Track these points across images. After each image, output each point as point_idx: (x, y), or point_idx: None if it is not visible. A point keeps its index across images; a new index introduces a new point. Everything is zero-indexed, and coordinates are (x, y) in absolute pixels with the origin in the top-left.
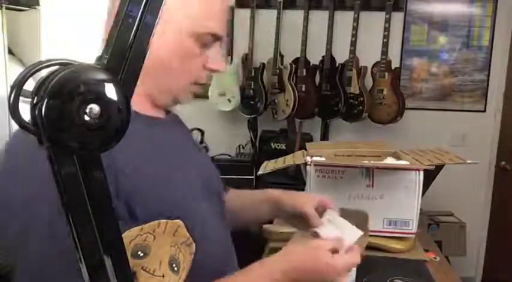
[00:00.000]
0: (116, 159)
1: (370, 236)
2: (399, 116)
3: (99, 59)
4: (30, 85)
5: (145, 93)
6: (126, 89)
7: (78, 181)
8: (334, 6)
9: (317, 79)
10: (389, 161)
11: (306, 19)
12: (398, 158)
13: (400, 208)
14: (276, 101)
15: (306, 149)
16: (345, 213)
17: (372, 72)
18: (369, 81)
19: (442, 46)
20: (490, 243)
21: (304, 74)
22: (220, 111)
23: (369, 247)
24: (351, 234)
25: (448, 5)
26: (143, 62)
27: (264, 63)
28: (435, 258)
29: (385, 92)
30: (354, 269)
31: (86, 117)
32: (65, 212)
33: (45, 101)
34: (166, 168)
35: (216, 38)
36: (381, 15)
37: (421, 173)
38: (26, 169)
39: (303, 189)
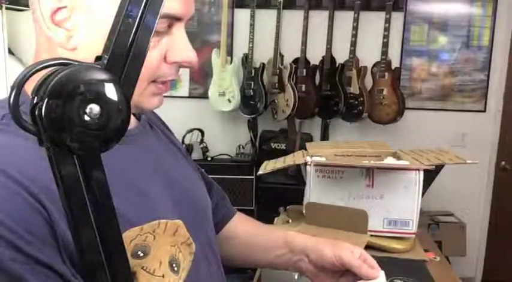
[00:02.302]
0: (48, 203)
1: (370, 236)
2: (399, 116)
3: (99, 59)
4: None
5: None
6: (126, 89)
7: (78, 181)
8: (334, 6)
9: (317, 79)
10: (389, 161)
11: (306, 19)
12: (398, 158)
13: (400, 208)
14: (276, 101)
15: (306, 149)
16: (345, 213)
17: (372, 72)
18: (369, 81)
19: (442, 46)
20: (490, 243)
21: (304, 74)
22: (220, 111)
23: (369, 247)
24: None
25: (448, 5)
26: (143, 62)
27: (264, 63)
28: (435, 258)
29: (385, 92)
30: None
31: (86, 117)
32: (65, 212)
33: (45, 101)
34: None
35: (174, 19)
36: (381, 15)
37: (421, 173)
38: None
39: (303, 190)
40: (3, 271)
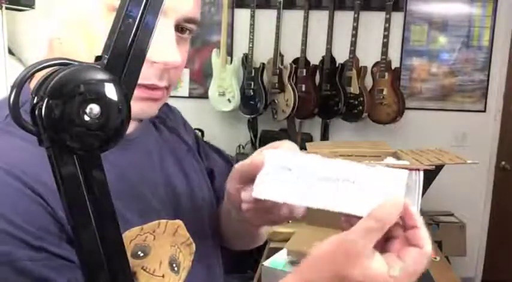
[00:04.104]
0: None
1: None
2: (399, 116)
3: (99, 59)
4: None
5: None
6: (126, 89)
7: (78, 181)
8: (334, 6)
9: (317, 79)
10: (389, 161)
11: (306, 19)
12: (398, 158)
13: None
14: (276, 101)
15: (306, 149)
16: None
17: (372, 72)
18: (369, 81)
19: (442, 46)
20: (490, 243)
21: (304, 74)
22: (220, 111)
23: None
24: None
25: (448, 5)
26: (143, 62)
27: (264, 63)
28: (435, 258)
29: (385, 92)
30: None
31: (86, 117)
32: (65, 212)
33: (45, 101)
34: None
35: None
36: (381, 15)
37: (421, 173)
38: None
39: None
40: (22, 272)
